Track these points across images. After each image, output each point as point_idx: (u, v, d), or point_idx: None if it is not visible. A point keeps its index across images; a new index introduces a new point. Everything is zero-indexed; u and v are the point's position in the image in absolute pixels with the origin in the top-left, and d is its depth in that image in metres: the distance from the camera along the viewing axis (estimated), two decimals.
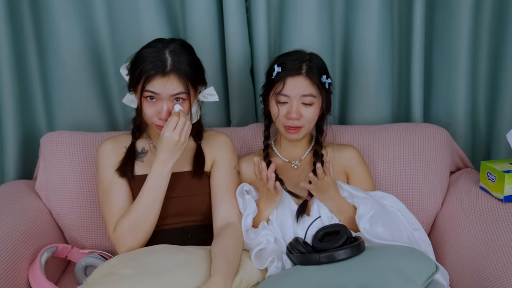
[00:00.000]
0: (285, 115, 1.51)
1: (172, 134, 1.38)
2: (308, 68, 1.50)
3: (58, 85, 1.89)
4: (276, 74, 1.51)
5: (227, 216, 1.48)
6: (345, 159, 1.61)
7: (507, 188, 1.53)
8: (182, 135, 1.39)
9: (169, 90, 1.40)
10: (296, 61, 1.51)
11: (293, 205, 1.50)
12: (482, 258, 1.40)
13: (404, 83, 1.95)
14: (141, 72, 1.40)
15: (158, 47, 1.42)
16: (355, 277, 1.20)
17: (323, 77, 1.51)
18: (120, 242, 1.42)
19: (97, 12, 1.82)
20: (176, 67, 1.40)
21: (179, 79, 1.40)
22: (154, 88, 1.40)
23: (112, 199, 1.46)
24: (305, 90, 1.49)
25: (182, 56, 1.42)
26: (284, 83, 1.49)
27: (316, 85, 1.50)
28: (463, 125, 1.93)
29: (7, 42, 1.77)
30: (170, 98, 1.41)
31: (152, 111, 1.43)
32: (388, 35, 1.86)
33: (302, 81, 1.49)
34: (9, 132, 1.84)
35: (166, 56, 1.40)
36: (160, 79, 1.39)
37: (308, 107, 1.51)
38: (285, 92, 1.49)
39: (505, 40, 1.81)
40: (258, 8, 1.80)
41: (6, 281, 1.37)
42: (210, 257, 1.35)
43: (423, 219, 1.68)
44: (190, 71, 1.42)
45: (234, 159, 1.58)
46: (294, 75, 1.49)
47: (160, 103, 1.42)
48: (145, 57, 1.41)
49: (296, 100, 1.50)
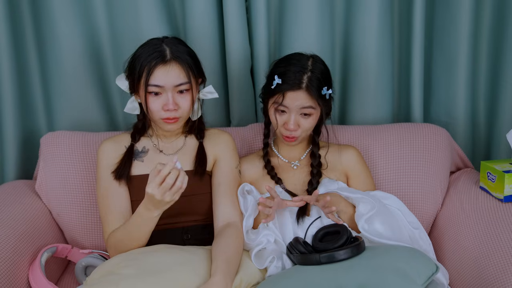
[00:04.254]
0: (283, 125, 1.52)
1: (155, 192, 1.24)
2: (308, 82, 1.47)
3: (58, 85, 1.89)
4: (276, 85, 1.50)
5: (228, 215, 1.48)
6: (345, 159, 1.61)
7: (507, 188, 1.53)
8: (167, 196, 1.25)
9: (172, 80, 1.40)
10: (297, 73, 1.47)
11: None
12: (482, 258, 1.40)
13: (404, 83, 1.95)
14: (142, 67, 1.40)
15: (153, 43, 1.44)
16: (355, 277, 1.20)
17: (323, 89, 1.49)
18: (109, 251, 1.45)
19: (97, 12, 1.82)
20: (176, 55, 1.41)
21: (180, 67, 1.41)
22: (157, 80, 1.40)
23: (107, 203, 1.47)
24: (304, 103, 1.48)
25: (180, 47, 1.44)
26: (283, 96, 1.48)
27: (315, 99, 1.49)
28: (463, 125, 1.93)
29: (7, 42, 1.76)
30: (174, 89, 1.42)
31: (157, 105, 1.43)
32: (388, 35, 1.86)
33: (302, 95, 1.47)
34: (9, 132, 1.84)
35: (164, 47, 1.42)
36: (161, 68, 1.40)
37: (306, 118, 1.51)
38: (285, 104, 1.49)
39: (505, 40, 1.81)
40: (258, 8, 1.80)
41: (6, 281, 1.37)
42: (210, 257, 1.35)
43: (423, 219, 1.68)
44: (190, 60, 1.44)
45: (235, 158, 1.58)
46: (294, 89, 1.47)
47: (164, 95, 1.42)
48: (142, 54, 1.42)
49: (294, 112, 1.49)
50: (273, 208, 1.41)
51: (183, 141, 1.57)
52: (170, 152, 1.54)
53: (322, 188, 1.53)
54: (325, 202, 1.39)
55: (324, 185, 1.54)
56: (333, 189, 1.52)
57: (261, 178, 1.60)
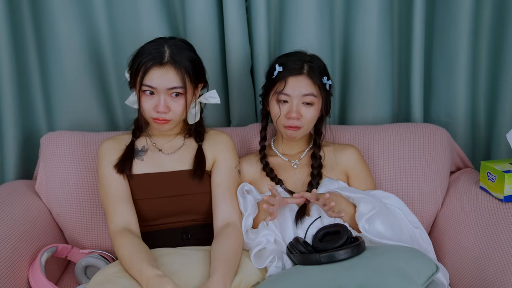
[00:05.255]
0: (285, 115, 1.51)
1: None
2: (309, 68, 1.50)
3: (58, 85, 1.89)
4: (277, 73, 1.51)
5: (228, 215, 1.48)
6: (345, 158, 1.61)
7: (507, 188, 1.53)
8: None
9: (166, 83, 1.41)
10: (297, 61, 1.51)
11: (292, 205, 1.50)
12: (482, 258, 1.40)
13: (404, 83, 1.94)
14: (140, 64, 1.41)
15: (157, 42, 1.45)
16: (355, 277, 1.20)
17: (324, 78, 1.52)
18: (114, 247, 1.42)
19: (97, 12, 1.82)
20: (174, 59, 1.41)
21: (176, 72, 1.41)
22: (151, 81, 1.41)
23: (111, 197, 1.47)
24: (306, 90, 1.49)
25: (182, 51, 1.44)
26: (285, 82, 1.49)
27: (317, 85, 1.50)
28: (463, 125, 1.93)
29: (7, 42, 1.76)
30: (167, 92, 1.42)
31: (149, 105, 1.44)
32: (388, 35, 1.86)
33: (304, 80, 1.49)
34: (9, 132, 1.84)
35: (165, 48, 1.42)
36: (157, 70, 1.40)
37: (308, 107, 1.51)
38: (286, 91, 1.49)
39: (505, 40, 1.81)
40: (258, 8, 1.80)
41: (6, 281, 1.37)
42: (209, 259, 1.35)
43: (423, 219, 1.68)
44: (189, 66, 1.43)
45: (235, 158, 1.58)
46: (296, 74, 1.49)
47: (157, 96, 1.43)
48: (144, 50, 1.43)
49: (296, 100, 1.50)
50: (276, 206, 1.41)
51: (183, 140, 1.57)
52: (169, 151, 1.55)
53: (323, 188, 1.53)
54: (325, 199, 1.39)
55: (325, 185, 1.54)
56: (333, 189, 1.52)
57: (260, 178, 1.60)
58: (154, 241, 1.46)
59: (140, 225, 1.48)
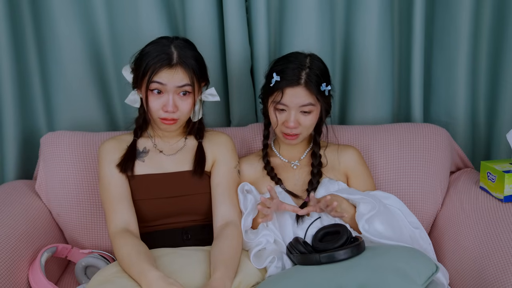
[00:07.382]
0: (283, 123, 1.51)
1: None
2: (307, 78, 1.47)
3: (58, 85, 1.89)
4: (274, 82, 1.50)
5: (227, 215, 1.48)
6: (345, 159, 1.61)
7: (507, 188, 1.53)
8: None
9: (176, 81, 1.41)
10: (295, 70, 1.48)
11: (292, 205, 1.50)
12: (482, 258, 1.40)
13: (404, 83, 1.94)
14: (147, 66, 1.41)
15: (162, 43, 1.44)
16: (355, 277, 1.20)
17: (322, 86, 1.49)
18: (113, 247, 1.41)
19: (97, 12, 1.82)
20: (183, 60, 1.41)
21: (185, 72, 1.41)
22: (161, 78, 1.40)
23: (111, 197, 1.46)
24: (303, 101, 1.48)
25: (188, 51, 1.44)
26: (282, 93, 1.48)
27: (314, 95, 1.48)
28: (463, 125, 1.93)
29: (7, 42, 1.76)
30: (176, 90, 1.42)
31: (157, 104, 1.43)
32: (388, 35, 1.86)
33: (301, 91, 1.47)
34: (9, 132, 1.84)
35: (172, 50, 1.42)
36: (167, 71, 1.40)
37: (306, 115, 1.50)
38: (284, 101, 1.48)
39: (505, 40, 1.81)
40: (258, 8, 1.80)
41: (6, 281, 1.37)
42: (208, 260, 1.35)
43: (423, 219, 1.68)
44: (196, 65, 1.44)
45: (234, 158, 1.58)
46: (293, 85, 1.47)
47: (165, 95, 1.43)
48: (150, 52, 1.42)
49: (294, 110, 1.49)
50: (271, 209, 1.41)
51: (183, 142, 1.57)
52: (170, 153, 1.55)
53: (322, 188, 1.53)
54: (326, 201, 1.39)
55: (324, 185, 1.54)
56: (333, 190, 1.52)
57: (261, 178, 1.60)
58: (154, 242, 1.46)
59: (140, 226, 1.48)
